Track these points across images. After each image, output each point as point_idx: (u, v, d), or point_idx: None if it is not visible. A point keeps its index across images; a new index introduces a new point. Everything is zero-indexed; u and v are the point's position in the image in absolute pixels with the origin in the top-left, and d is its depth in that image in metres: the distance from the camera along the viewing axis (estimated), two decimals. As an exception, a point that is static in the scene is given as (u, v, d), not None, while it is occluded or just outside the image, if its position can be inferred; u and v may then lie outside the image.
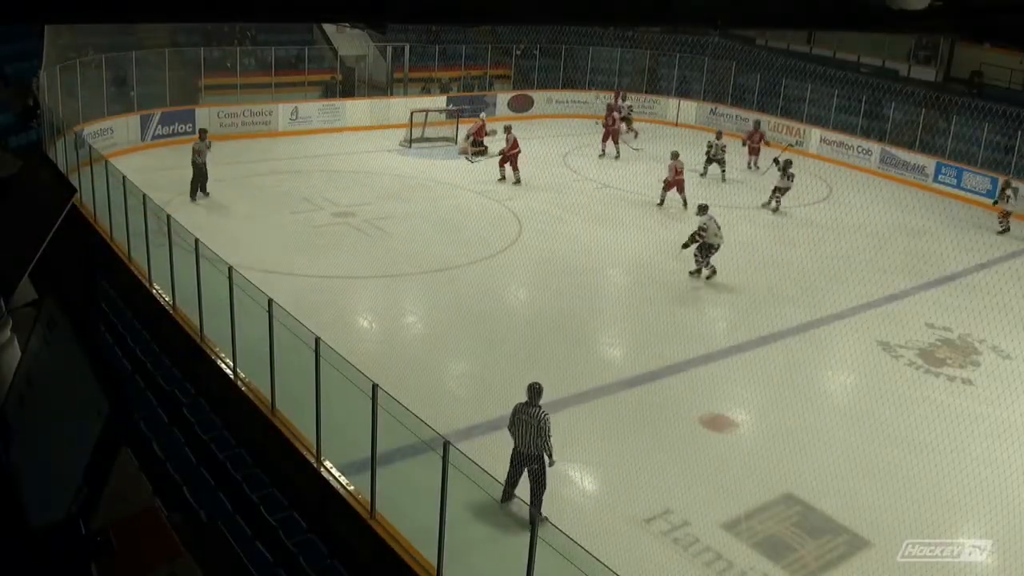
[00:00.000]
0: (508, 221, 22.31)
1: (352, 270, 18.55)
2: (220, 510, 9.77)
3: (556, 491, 11.76)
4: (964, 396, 15.65)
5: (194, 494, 9.91)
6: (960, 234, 21.92)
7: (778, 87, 34.35)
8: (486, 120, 29.44)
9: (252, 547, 9.14)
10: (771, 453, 13.28)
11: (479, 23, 26.77)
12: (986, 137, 28.79)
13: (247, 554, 8.97)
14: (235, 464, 11.01)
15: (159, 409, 12.07)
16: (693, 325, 17.88)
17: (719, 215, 20.37)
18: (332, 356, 10.44)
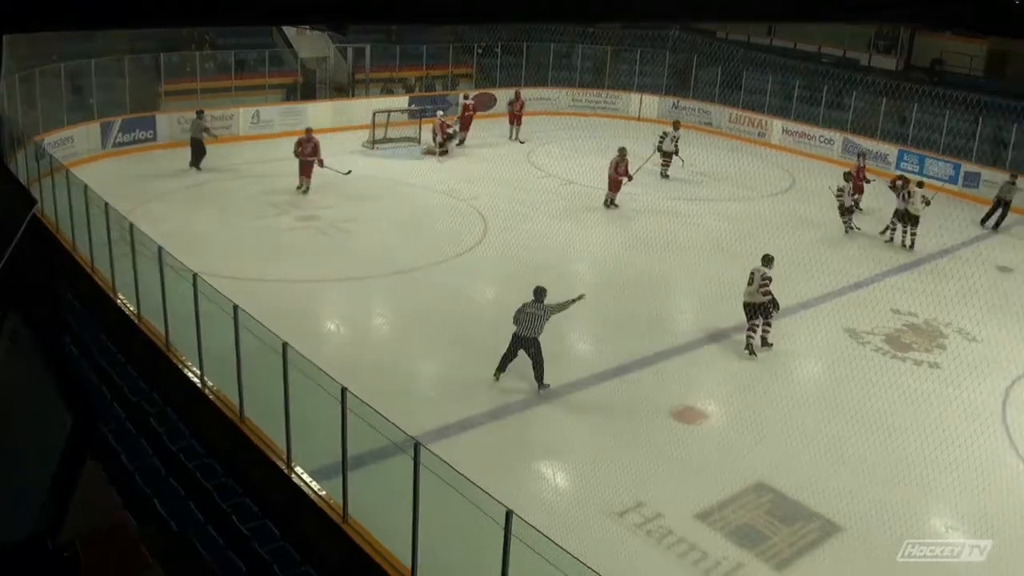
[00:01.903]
0: (473, 220, 22.30)
1: (318, 274, 18.47)
2: (191, 521, 9.71)
3: (528, 488, 11.82)
4: (931, 379, 15.83)
5: (165, 506, 9.84)
6: (924, 220, 22.11)
7: (739, 79, 34.51)
8: (444, 119, 29.35)
9: (225, 557, 9.09)
10: (742, 443, 13.41)
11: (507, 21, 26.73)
12: (947, 124, 29.10)
13: (219, 564, 8.92)
14: (205, 474, 10.93)
15: (127, 421, 11.97)
16: (661, 318, 17.94)
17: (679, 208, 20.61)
18: (300, 361, 10.40)
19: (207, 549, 9.10)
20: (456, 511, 8.61)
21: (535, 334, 14.16)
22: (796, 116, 33.00)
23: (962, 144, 28.84)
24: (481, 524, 7.82)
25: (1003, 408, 14.96)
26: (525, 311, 14.18)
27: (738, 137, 33.38)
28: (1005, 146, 27.79)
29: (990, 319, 18.15)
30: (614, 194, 24.01)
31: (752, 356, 16.27)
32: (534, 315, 14.13)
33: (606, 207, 23.95)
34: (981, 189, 27.50)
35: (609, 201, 24.04)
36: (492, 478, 9.77)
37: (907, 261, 21.60)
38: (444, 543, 9.45)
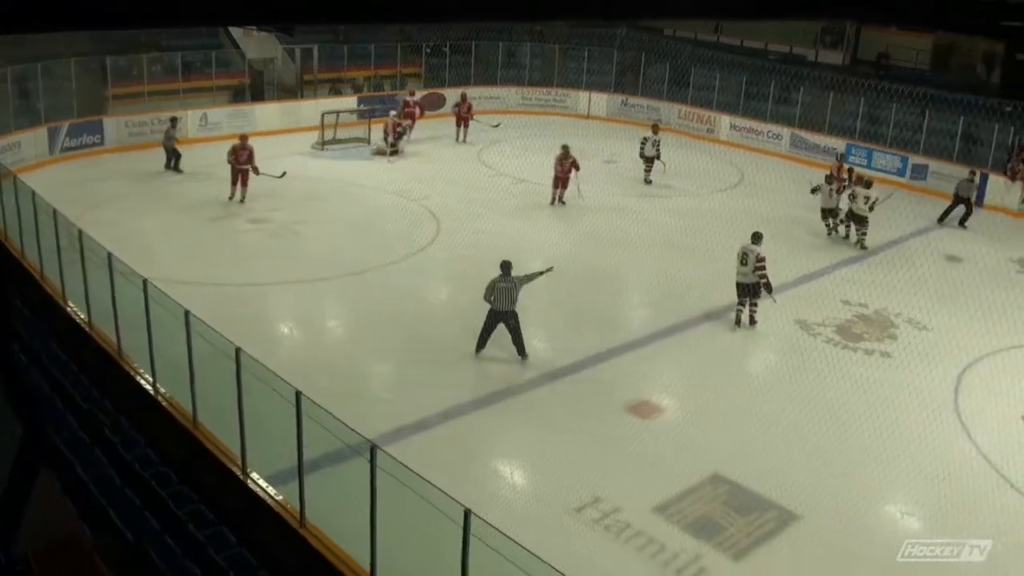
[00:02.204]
0: (425, 220, 22.27)
1: (270, 277, 18.35)
2: (147, 530, 9.60)
3: (486, 487, 11.84)
4: (883, 368, 16.08)
5: (120, 516, 9.72)
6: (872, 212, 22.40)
7: (687, 76, 34.75)
8: (397, 118, 29.27)
9: (181, 565, 9.00)
10: (697, 435, 13.54)
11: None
12: (894, 117, 29.51)
13: (176, 573, 8.84)
14: (160, 482, 10.83)
15: (80, 431, 11.82)
16: (614, 314, 18.06)
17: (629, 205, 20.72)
18: (253, 365, 10.31)
19: (163, 558, 9.02)
20: (414, 512, 8.59)
21: (510, 307, 15.14)
22: (744, 112, 33.27)
23: (909, 137, 29.26)
24: (439, 524, 7.81)
25: (954, 395, 15.21)
26: (496, 287, 15.11)
27: (687, 133, 33.58)
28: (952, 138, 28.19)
29: (940, 308, 18.46)
30: (561, 191, 24.04)
31: (750, 327, 17.32)
32: (505, 289, 15.09)
33: (552, 205, 23.97)
34: (929, 181, 27.92)
35: (556, 199, 24.07)
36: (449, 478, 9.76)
37: (856, 254, 21.87)
38: (403, 545, 9.43)
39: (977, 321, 17.81)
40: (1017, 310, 18.44)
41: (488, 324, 15.35)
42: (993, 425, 14.18)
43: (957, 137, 27.95)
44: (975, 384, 15.63)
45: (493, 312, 15.28)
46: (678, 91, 35.09)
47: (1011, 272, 21.61)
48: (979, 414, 14.54)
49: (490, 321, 15.33)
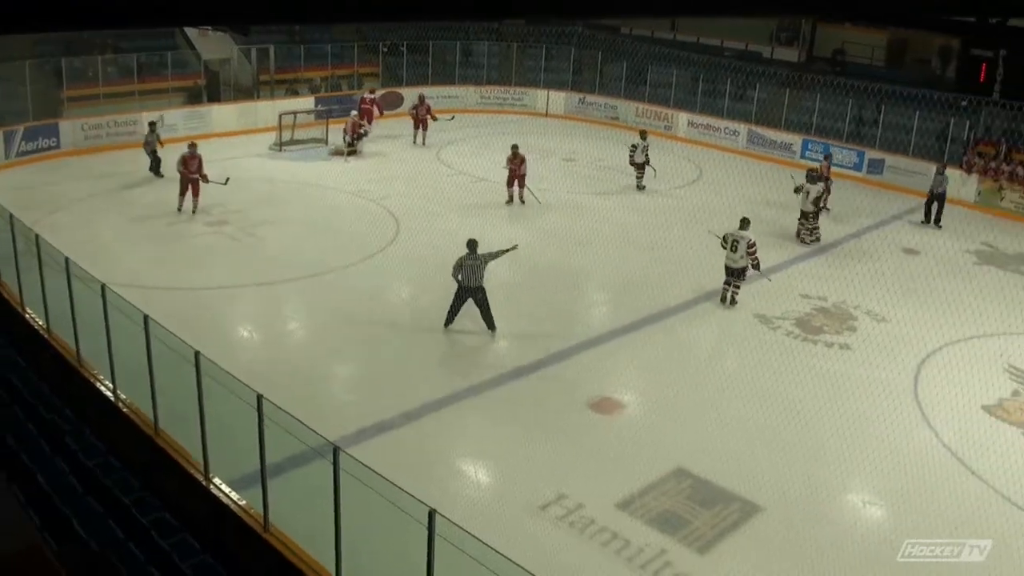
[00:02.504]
0: (385, 220, 22.21)
1: (229, 280, 18.24)
2: (111, 538, 9.52)
3: (450, 486, 11.84)
4: (843, 361, 16.26)
5: (84, 525, 9.63)
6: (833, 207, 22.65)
7: (644, 74, 34.93)
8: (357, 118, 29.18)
9: (146, 573, 8.94)
10: (659, 430, 13.61)
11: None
12: (850, 112, 29.83)
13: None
14: (123, 489, 10.73)
15: (40, 439, 11.69)
16: (575, 311, 18.13)
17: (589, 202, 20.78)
18: (214, 370, 10.25)
19: (127, 566, 8.95)
20: (378, 514, 8.58)
21: (478, 283, 15.98)
22: (701, 109, 33.51)
23: (865, 132, 29.64)
24: (404, 525, 7.81)
25: (914, 385, 15.42)
26: (464, 264, 15.96)
27: (645, 131, 33.73)
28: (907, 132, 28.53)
29: (898, 300, 18.70)
30: (519, 191, 24.05)
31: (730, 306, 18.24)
32: (473, 266, 15.91)
33: (509, 204, 23.98)
34: (885, 175, 28.29)
35: (512, 198, 24.08)
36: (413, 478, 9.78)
37: (814, 248, 22.08)
38: (368, 546, 9.42)
39: (935, 312, 18.05)
40: (974, 301, 18.68)
41: (457, 300, 16.14)
42: (953, 414, 14.39)
43: (913, 132, 28.26)
44: (934, 374, 15.82)
45: (461, 288, 16.06)
46: (635, 89, 35.28)
47: (968, 264, 21.91)
48: (939, 404, 14.73)
49: (458, 297, 16.11)
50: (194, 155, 21.95)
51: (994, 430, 14.16)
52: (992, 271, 21.48)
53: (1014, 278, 21.07)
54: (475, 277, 15.98)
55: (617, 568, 10.54)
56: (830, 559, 10.93)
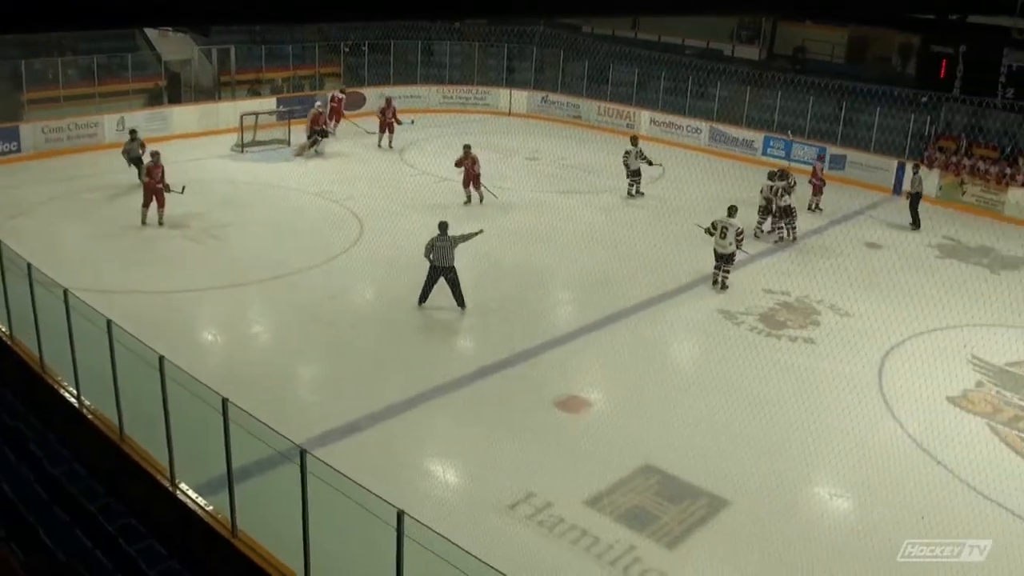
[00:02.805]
0: (348, 221, 22.13)
1: (192, 283, 18.07)
2: (77, 547, 9.42)
3: (418, 487, 11.82)
4: (807, 355, 16.40)
5: (50, 534, 9.52)
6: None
7: (606, 73, 35.04)
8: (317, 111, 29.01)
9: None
10: (626, 427, 13.65)
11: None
12: (812, 109, 30.06)
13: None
14: (89, 497, 10.62)
15: (4, 447, 11.54)
16: (540, 309, 18.14)
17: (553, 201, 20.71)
18: (178, 374, 10.17)
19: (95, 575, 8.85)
20: (347, 516, 8.54)
21: (448, 263, 16.94)
22: (663, 107, 33.64)
23: (827, 128, 29.87)
24: (373, 527, 7.79)
25: (878, 378, 15.59)
26: (435, 245, 16.87)
27: (607, 129, 33.87)
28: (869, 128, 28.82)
29: (861, 294, 18.89)
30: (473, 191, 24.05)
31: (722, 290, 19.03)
32: (443, 247, 16.83)
33: (467, 204, 23.95)
34: (847, 171, 28.52)
35: (468, 198, 24.03)
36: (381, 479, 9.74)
37: (774, 245, 22.22)
38: (337, 549, 9.38)
39: (899, 306, 18.26)
40: (937, 294, 18.91)
41: (429, 278, 17.11)
42: (918, 406, 14.55)
43: (874, 128, 28.55)
44: (898, 367, 16.01)
45: (433, 267, 17.00)
46: (598, 87, 35.38)
47: (930, 257, 22.17)
48: (903, 396, 14.90)
49: (431, 276, 17.08)
50: (158, 164, 21.37)
51: (959, 421, 14.35)
52: (954, 264, 21.74)
53: (976, 271, 21.35)
54: (445, 257, 16.87)
55: (587, 565, 10.57)
56: (797, 551, 11.03)
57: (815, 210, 24.79)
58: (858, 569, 10.76)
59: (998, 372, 16.10)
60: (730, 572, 10.76)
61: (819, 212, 24.68)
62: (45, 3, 2.73)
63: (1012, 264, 22.06)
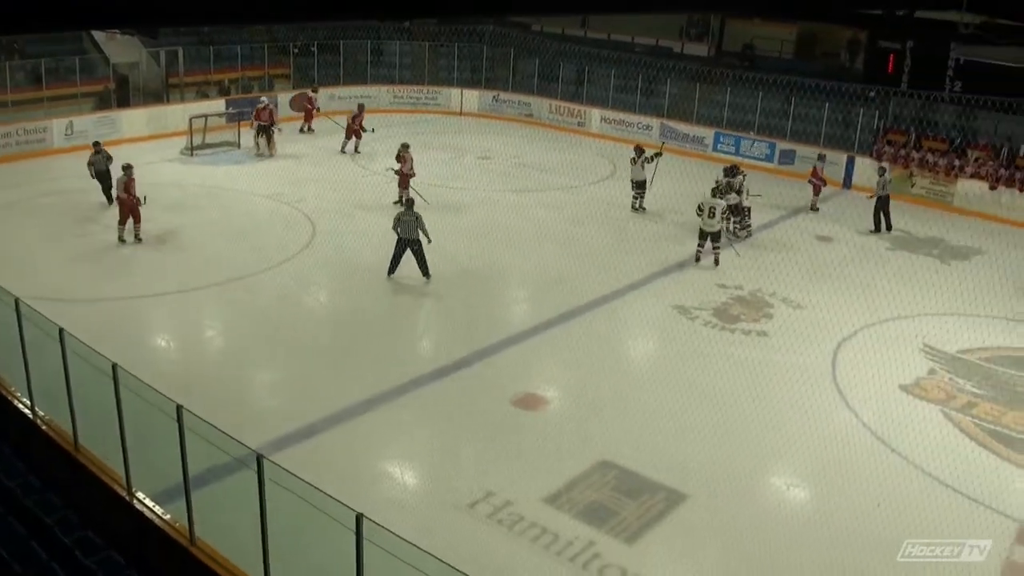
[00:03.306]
0: (300, 223, 22.02)
1: (145, 289, 17.89)
2: (34, 560, 9.31)
3: (377, 489, 11.81)
4: (761, 348, 16.57)
5: (6, 547, 9.39)
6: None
7: (556, 71, 35.15)
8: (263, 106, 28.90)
9: (71, 593, 8.76)
10: (583, 424, 13.73)
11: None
12: (760, 105, 30.34)
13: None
14: (45, 509, 10.48)
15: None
16: (496, 308, 18.17)
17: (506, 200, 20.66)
18: (132, 382, 10.07)
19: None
20: (306, 521, 8.52)
21: (414, 236, 18.23)
22: (614, 105, 33.83)
23: (776, 124, 30.18)
24: (333, 531, 7.77)
25: (832, 369, 15.80)
26: (402, 219, 18.31)
27: (559, 127, 34.03)
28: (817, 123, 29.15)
29: (813, 286, 19.14)
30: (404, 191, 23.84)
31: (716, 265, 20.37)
32: (408, 221, 18.20)
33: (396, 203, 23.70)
34: (797, 165, 28.81)
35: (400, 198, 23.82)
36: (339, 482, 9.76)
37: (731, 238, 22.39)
38: (297, 555, 9.33)
39: (850, 297, 18.54)
40: (888, 284, 19.25)
41: (397, 251, 18.41)
42: (872, 395, 14.80)
43: (823, 123, 28.92)
44: (852, 357, 16.24)
45: (399, 240, 18.31)
46: (548, 86, 35.50)
47: (881, 249, 22.51)
48: (857, 386, 15.14)
49: (398, 248, 18.38)
50: (131, 177, 20.65)
51: (913, 408, 14.60)
52: (905, 255, 22.07)
53: (927, 261, 21.70)
54: (411, 231, 18.16)
55: (547, 563, 10.61)
56: (756, 543, 11.14)
57: (814, 210, 24.98)
58: (816, 558, 10.89)
59: (950, 360, 16.38)
60: (689, 565, 10.88)
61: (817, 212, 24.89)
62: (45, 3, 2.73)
63: (962, 254, 22.42)
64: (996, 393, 15.32)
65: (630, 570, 10.51)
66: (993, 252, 22.29)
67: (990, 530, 11.52)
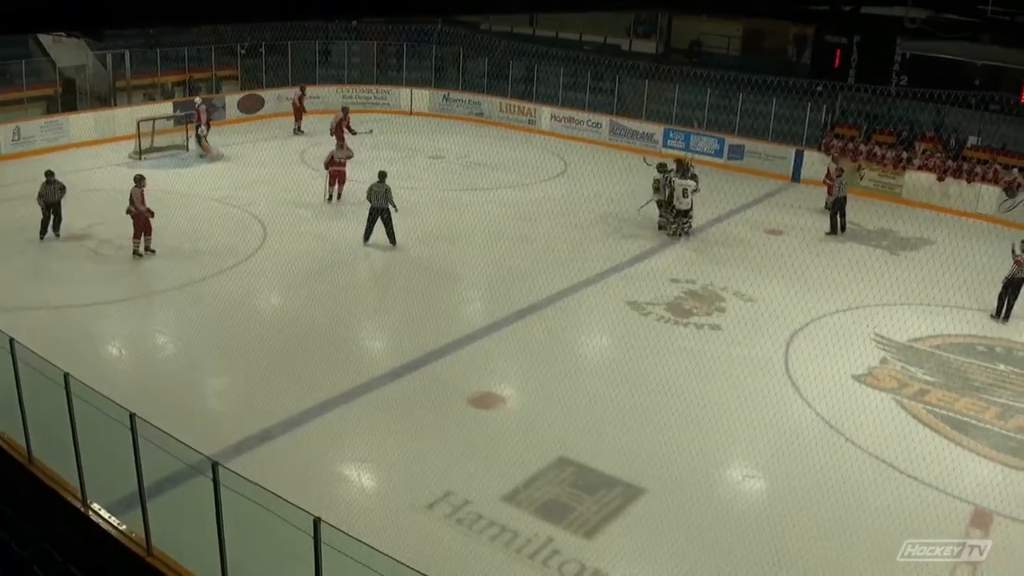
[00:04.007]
0: (251, 226, 21.88)
1: (96, 296, 17.69)
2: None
3: (335, 493, 11.79)
4: (714, 341, 16.74)
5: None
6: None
7: (506, 70, 35.22)
8: (200, 107, 28.66)
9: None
10: (540, 421, 13.80)
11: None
12: (709, 101, 30.62)
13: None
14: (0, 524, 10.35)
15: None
16: (450, 308, 18.16)
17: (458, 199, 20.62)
18: (85, 391, 9.97)
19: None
20: (263, 526, 8.50)
21: (384, 205, 20.31)
22: (563, 103, 33.97)
23: (725, 119, 30.45)
24: (291, 536, 7.76)
25: (785, 359, 16.02)
26: (373, 189, 20.40)
27: (509, 126, 34.11)
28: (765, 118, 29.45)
29: (764, 279, 19.35)
30: (334, 188, 23.98)
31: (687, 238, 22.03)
32: (379, 192, 20.20)
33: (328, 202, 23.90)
34: (745, 160, 29.22)
35: (334, 196, 24.01)
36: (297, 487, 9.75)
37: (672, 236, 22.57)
38: (255, 561, 9.31)
39: (801, 289, 18.74)
40: (839, 276, 19.52)
41: (370, 219, 20.42)
42: (825, 386, 14.97)
43: (771, 118, 29.24)
44: (804, 348, 16.48)
45: (371, 209, 20.33)
46: (498, 84, 35.55)
47: (831, 241, 22.93)
48: (811, 376, 15.35)
49: (371, 216, 20.39)
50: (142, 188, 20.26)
51: (866, 397, 14.86)
52: (855, 247, 22.38)
53: (876, 252, 22.02)
54: (381, 200, 20.19)
55: (507, 560, 10.66)
56: (713, 533, 11.29)
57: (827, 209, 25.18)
58: (774, 546, 11.03)
59: (902, 348, 16.64)
60: (648, 558, 10.97)
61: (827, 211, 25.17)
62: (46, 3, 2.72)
63: (911, 245, 22.78)
64: (948, 380, 15.61)
65: (589, 565, 10.59)
66: (942, 242, 22.66)
67: (946, 514, 11.77)
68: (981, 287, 18.92)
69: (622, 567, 10.76)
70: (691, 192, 21.72)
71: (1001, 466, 13.16)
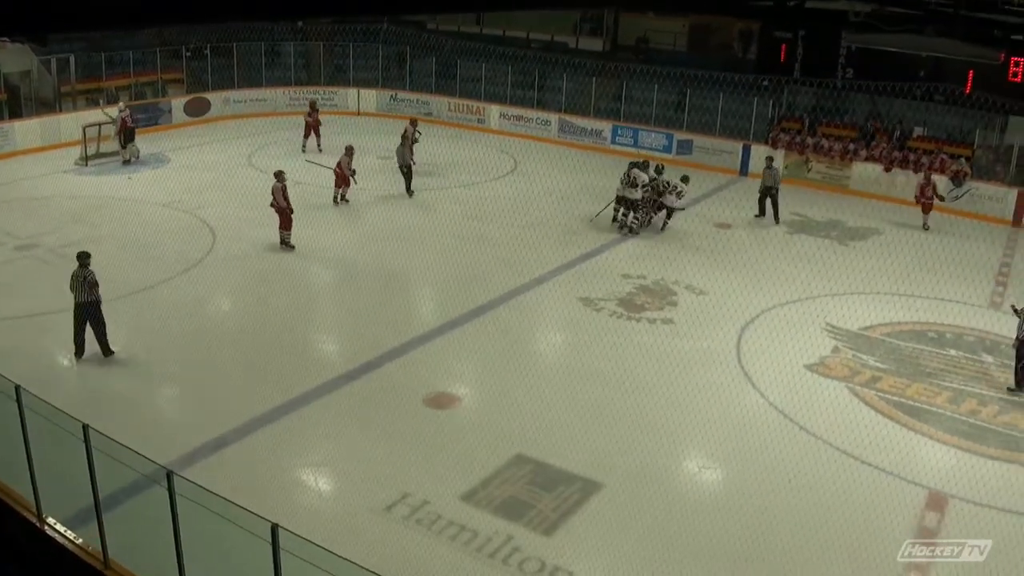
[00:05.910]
0: (200, 231, 21.70)
1: (44, 306, 17.40)
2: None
3: (293, 498, 11.76)
4: (667, 335, 16.90)
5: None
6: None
7: (454, 69, 35.24)
8: (122, 113, 28.31)
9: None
10: (496, 420, 13.84)
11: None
12: (657, 98, 30.88)
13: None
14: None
15: None
16: (403, 309, 18.14)
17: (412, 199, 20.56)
18: (36, 403, 9.86)
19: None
20: (221, 535, 8.47)
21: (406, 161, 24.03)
22: (512, 101, 34.11)
23: (672, 115, 30.71)
24: (249, 543, 7.74)
25: (737, 352, 16.20)
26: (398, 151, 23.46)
27: (458, 125, 34.13)
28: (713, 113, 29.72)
29: (715, 273, 19.55)
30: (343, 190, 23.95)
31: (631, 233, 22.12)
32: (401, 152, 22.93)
33: (335, 204, 23.88)
34: (694, 155, 29.52)
35: (339, 197, 23.97)
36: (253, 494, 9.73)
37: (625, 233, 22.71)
38: (213, 570, 9.27)
39: (752, 281, 19.01)
40: (789, 267, 19.82)
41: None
42: (778, 376, 15.20)
43: (718, 113, 29.46)
44: (756, 340, 16.68)
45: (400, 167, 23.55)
46: (446, 84, 35.58)
47: (780, 233, 23.11)
48: (763, 367, 15.55)
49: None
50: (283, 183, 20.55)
51: (818, 386, 15.06)
52: (803, 238, 22.68)
53: (825, 243, 22.32)
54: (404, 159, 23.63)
55: (467, 560, 10.67)
56: (672, 527, 11.41)
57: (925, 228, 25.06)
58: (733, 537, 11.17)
59: (853, 337, 16.90)
60: (608, 553, 11.03)
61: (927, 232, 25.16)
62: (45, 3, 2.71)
63: (860, 235, 23.12)
64: (899, 367, 15.87)
65: (549, 562, 10.64)
66: (889, 232, 23.05)
67: (901, 498, 12.02)
68: (929, 275, 19.25)
69: (582, 562, 10.80)
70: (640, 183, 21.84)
71: (955, 449, 13.42)
